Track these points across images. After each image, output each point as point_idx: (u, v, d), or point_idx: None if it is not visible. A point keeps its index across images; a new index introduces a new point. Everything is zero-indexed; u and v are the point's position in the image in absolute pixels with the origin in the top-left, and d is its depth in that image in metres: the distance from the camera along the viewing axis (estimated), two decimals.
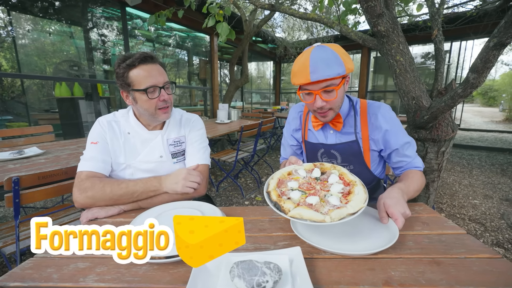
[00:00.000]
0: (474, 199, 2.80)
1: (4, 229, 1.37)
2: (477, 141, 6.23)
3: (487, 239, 2.04)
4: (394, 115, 1.01)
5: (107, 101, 4.31)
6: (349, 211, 0.64)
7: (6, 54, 4.14)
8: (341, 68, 0.85)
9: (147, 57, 0.94)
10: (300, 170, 0.85)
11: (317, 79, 0.85)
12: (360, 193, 0.70)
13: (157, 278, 0.57)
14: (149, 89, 0.93)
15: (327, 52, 0.86)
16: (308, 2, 5.81)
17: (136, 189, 0.92)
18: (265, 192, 0.76)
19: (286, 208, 0.67)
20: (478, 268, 0.58)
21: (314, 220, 0.63)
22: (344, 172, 0.82)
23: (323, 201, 0.70)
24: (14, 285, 0.55)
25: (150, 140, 1.06)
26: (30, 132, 2.54)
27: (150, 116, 1.00)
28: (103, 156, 0.99)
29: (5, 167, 1.45)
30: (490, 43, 1.04)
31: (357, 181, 0.76)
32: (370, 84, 7.08)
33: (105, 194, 0.89)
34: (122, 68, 0.93)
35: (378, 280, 0.56)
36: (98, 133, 1.02)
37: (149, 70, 0.94)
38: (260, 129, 3.04)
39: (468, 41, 5.85)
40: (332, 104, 0.92)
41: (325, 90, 0.88)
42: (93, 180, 0.91)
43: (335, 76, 0.85)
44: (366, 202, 0.68)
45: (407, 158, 1.00)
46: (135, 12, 4.32)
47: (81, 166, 0.95)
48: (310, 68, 0.85)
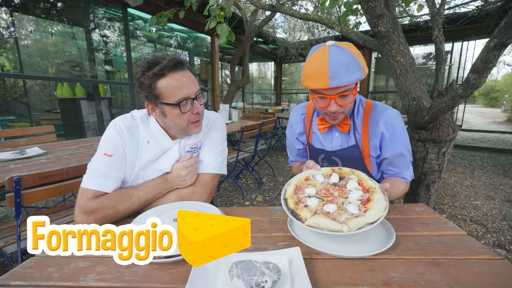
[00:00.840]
0: (475, 200, 2.79)
1: (6, 229, 1.37)
2: (479, 141, 6.20)
3: (488, 241, 2.03)
4: (397, 123, 0.94)
5: (108, 101, 4.34)
6: (367, 221, 0.62)
7: (8, 55, 4.16)
8: (360, 73, 0.82)
9: (177, 64, 0.81)
10: (317, 176, 0.82)
11: (337, 85, 0.80)
12: (380, 201, 0.68)
13: (156, 278, 0.57)
14: (182, 102, 0.81)
15: (347, 55, 0.81)
16: (309, 2, 5.81)
17: (148, 197, 0.87)
18: (282, 199, 0.75)
19: (303, 217, 0.66)
20: (478, 269, 0.58)
21: (332, 230, 0.61)
22: (363, 177, 0.78)
23: (340, 209, 0.68)
24: (15, 284, 0.56)
25: (170, 150, 0.95)
26: (32, 132, 2.55)
27: (180, 130, 0.89)
28: (116, 173, 0.85)
29: (7, 167, 1.46)
30: (491, 44, 1.04)
31: (377, 188, 0.73)
32: (371, 85, 7.07)
33: (119, 213, 0.81)
34: (148, 78, 0.79)
35: (377, 281, 0.56)
36: (115, 143, 0.86)
37: (181, 80, 0.81)
38: (261, 130, 3.04)
39: (469, 41, 5.84)
40: (345, 108, 0.89)
41: (341, 95, 0.85)
42: (101, 201, 0.79)
43: (353, 82, 0.82)
44: (386, 211, 0.66)
45: (396, 169, 0.98)
46: (136, 13, 4.34)
47: (88, 182, 0.81)
48: (330, 73, 0.79)
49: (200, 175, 0.98)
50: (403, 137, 0.94)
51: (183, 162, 0.93)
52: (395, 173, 0.98)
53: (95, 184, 0.81)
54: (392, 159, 0.96)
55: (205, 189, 0.96)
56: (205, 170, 0.98)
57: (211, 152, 1.00)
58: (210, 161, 0.99)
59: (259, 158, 3.96)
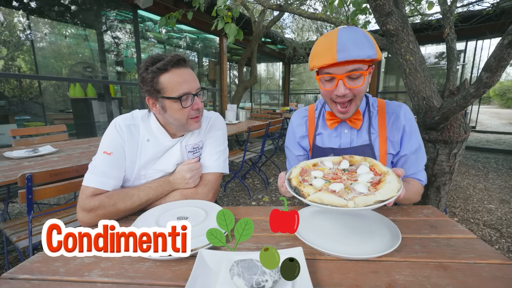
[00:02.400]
0: (489, 204, 2.69)
1: (18, 224, 1.42)
2: (493, 143, 6.00)
3: (502, 246, 1.96)
4: (413, 118, 0.93)
5: (118, 101, 4.43)
6: (377, 198, 0.56)
7: (25, 57, 4.32)
8: (372, 50, 0.74)
9: (180, 60, 0.83)
10: (326, 162, 0.77)
11: (345, 58, 0.73)
12: (393, 182, 0.61)
13: (159, 275, 0.58)
14: (183, 97, 0.83)
15: (358, 32, 0.75)
16: (318, 2, 5.77)
17: (149, 197, 0.87)
18: (286, 179, 0.70)
19: (305, 192, 0.61)
20: (487, 274, 0.56)
21: (335, 205, 0.55)
22: (376, 163, 0.72)
23: (348, 189, 0.62)
24: (23, 277, 0.57)
25: (169, 147, 0.96)
26: (45, 132, 2.63)
27: (180, 126, 0.90)
28: (116, 171, 0.87)
29: (21, 164, 1.51)
30: (504, 41, 1.00)
31: (390, 171, 0.67)
32: (381, 85, 6.95)
33: (119, 211, 0.82)
34: (151, 72, 0.81)
35: (381, 283, 0.54)
36: (114, 142, 0.88)
37: (183, 75, 0.84)
38: (268, 130, 3.04)
39: (484, 40, 5.66)
40: (356, 92, 0.80)
41: (350, 75, 0.77)
42: (100, 199, 0.81)
43: (365, 58, 0.74)
44: (400, 192, 0.59)
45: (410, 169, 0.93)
46: (146, 15, 4.41)
47: (88, 180, 0.83)
48: (338, 46, 0.73)
49: (204, 174, 0.98)
50: (418, 133, 0.93)
51: (189, 165, 0.92)
52: (410, 174, 0.95)
53: (95, 182, 0.83)
54: (409, 156, 0.92)
55: (209, 188, 0.96)
56: (208, 170, 0.98)
57: (213, 152, 1.00)
58: (212, 160, 0.99)
59: (266, 159, 3.95)
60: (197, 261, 0.57)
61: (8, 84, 4.27)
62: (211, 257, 0.60)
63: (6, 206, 1.78)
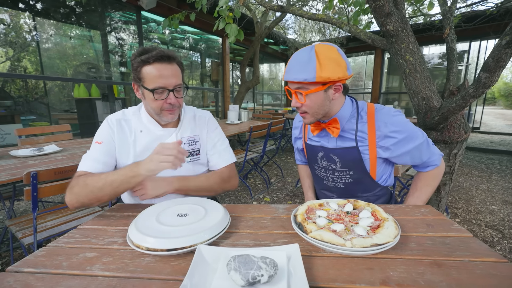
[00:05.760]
0: (492, 205, 2.67)
1: (24, 221, 1.45)
2: (498, 144, 5.94)
3: (504, 247, 1.95)
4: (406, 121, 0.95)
5: (122, 102, 4.47)
6: (374, 241, 0.62)
7: (31, 58, 4.38)
8: (309, 74, 0.82)
9: (164, 57, 0.89)
10: (332, 203, 0.84)
11: (287, 79, 0.87)
12: (390, 228, 0.67)
13: (158, 269, 0.59)
14: (156, 90, 0.90)
15: (308, 54, 0.84)
16: (320, 3, 5.77)
17: (114, 177, 0.83)
18: (292, 215, 0.78)
19: (308, 229, 0.67)
20: (481, 271, 0.57)
21: (334, 243, 0.62)
22: (377, 209, 0.79)
23: (348, 230, 0.68)
24: (28, 270, 0.59)
25: (164, 138, 1.02)
26: (50, 131, 2.67)
27: (155, 115, 0.99)
28: (105, 157, 0.94)
29: (26, 163, 1.54)
30: (502, 41, 1.00)
31: (390, 218, 0.73)
32: (384, 86, 6.93)
33: (86, 188, 0.83)
34: (137, 62, 0.90)
35: (375, 279, 0.55)
36: (105, 133, 0.98)
37: (162, 70, 0.90)
38: (270, 130, 3.05)
39: (488, 40, 5.61)
40: (307, 108, 0.90)
41: (297, 92, 0.89)
42: (79, 178, 0.86)
43: (301, 81, 0.84)
44: (397, 238, 0.65)
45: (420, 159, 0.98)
46: (150, 16, 4.45)
47: (80, 165, 0.92)
48: (288, 66, 0.87)
49: (226, 166, 1.11)
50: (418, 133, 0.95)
51: (163, 143, 0.86)
52: (423, 162, 0.98)
53: (85, 165, 0.92)
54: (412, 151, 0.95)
55: (235, 174, 1.12)
56: (228, 162, 1.11)
57: (222, 148, 1.12)
58: (226, 153, 1.12)
59: (268, 159, 3.96)
60: (195, 256, 0.58)
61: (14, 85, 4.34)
62: (209, 252, 0.61)
63: (12, 203, 1.82)
